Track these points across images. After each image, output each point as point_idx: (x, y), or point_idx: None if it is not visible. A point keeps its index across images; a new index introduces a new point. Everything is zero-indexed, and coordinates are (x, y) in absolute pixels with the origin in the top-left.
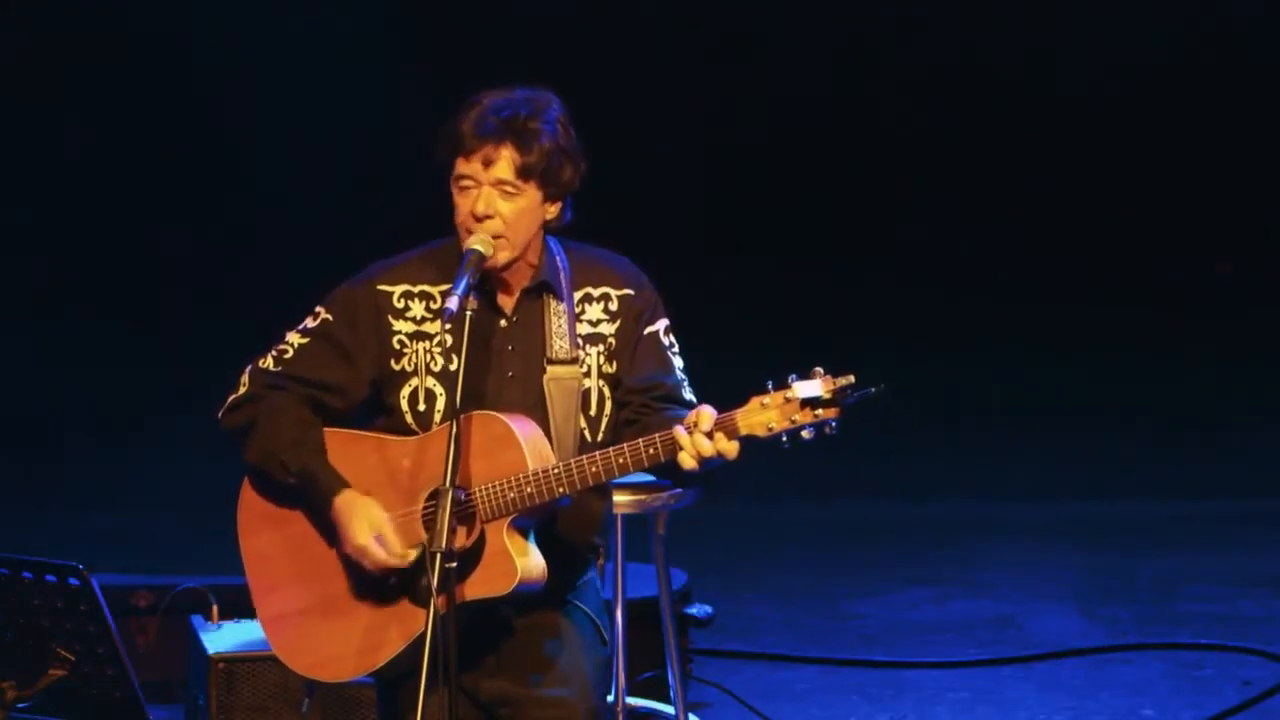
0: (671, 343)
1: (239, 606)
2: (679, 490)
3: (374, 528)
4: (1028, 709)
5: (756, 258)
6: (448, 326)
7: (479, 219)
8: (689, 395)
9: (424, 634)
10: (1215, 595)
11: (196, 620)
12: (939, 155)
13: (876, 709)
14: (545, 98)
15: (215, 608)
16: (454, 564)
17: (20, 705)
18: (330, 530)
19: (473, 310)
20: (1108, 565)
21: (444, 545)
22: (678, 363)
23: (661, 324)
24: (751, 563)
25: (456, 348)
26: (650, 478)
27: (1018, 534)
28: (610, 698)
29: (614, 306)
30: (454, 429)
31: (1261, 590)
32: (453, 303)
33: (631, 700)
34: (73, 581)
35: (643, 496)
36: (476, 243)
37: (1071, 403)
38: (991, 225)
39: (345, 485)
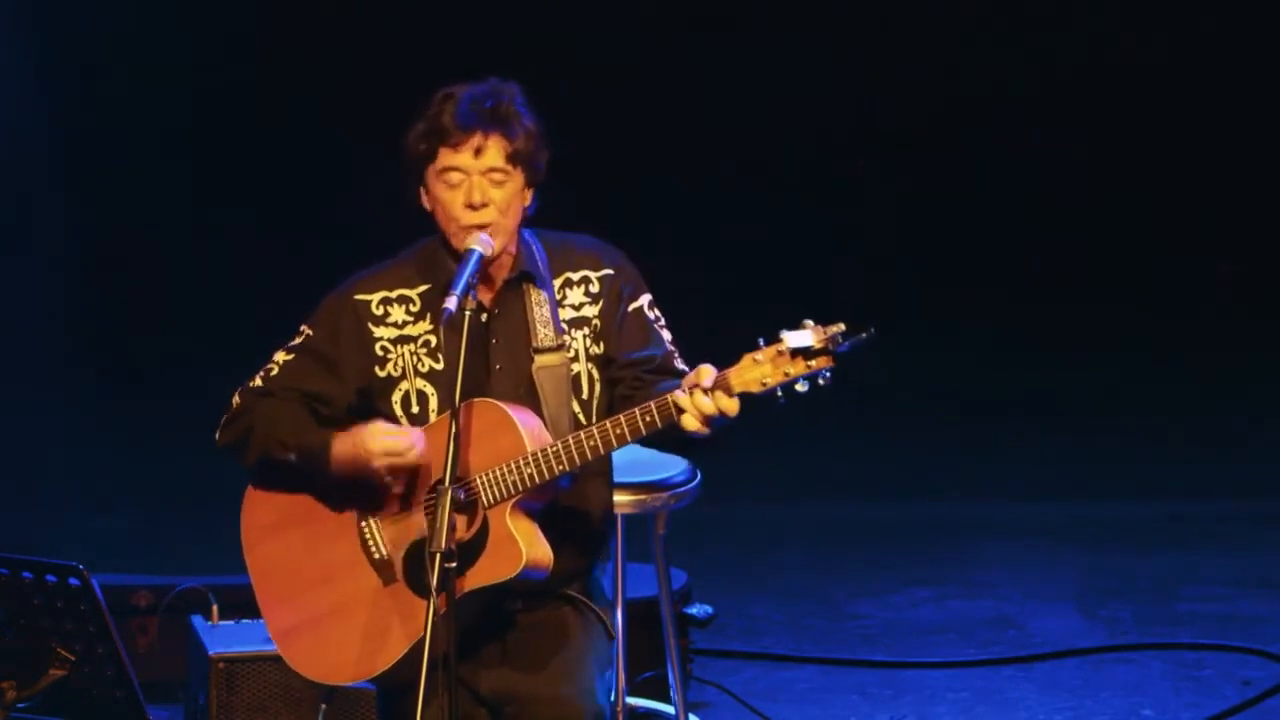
0: (657, 316)
1: (239, 606)
2: (680, 489)
3: (385, 430)
4: (1028, 709)
5: (761, 241)
6: (439, 326)
7: (476, 208)
8: (680, 365)
9: (450, 626)
10: (1215, 595)
11: (196, 620)
12: (934, 152)
13: (876, 709)
14: (515, 86)
15: (215, 608)
16: (454, 564)
17: (20, 705)
18: (341, 518)
19: (471, 310)
20: (1108, 565)
21: (443, 545)
22: (665, 335)
23: (645, 299)
24: (751, 563)
25: (454, 348)
26: (651, 477)
27: (1018, 534)
28: (610, 697)
29: (595, 288)
30: (453, 428)
31: (1261, 590)
32: (451, 303)
33: (631, 700)
34: (73, 581)
35: (643, 497)
36: (475, 243)
37: (1072, 403)
38: (992, 224)
39: (335, 434)
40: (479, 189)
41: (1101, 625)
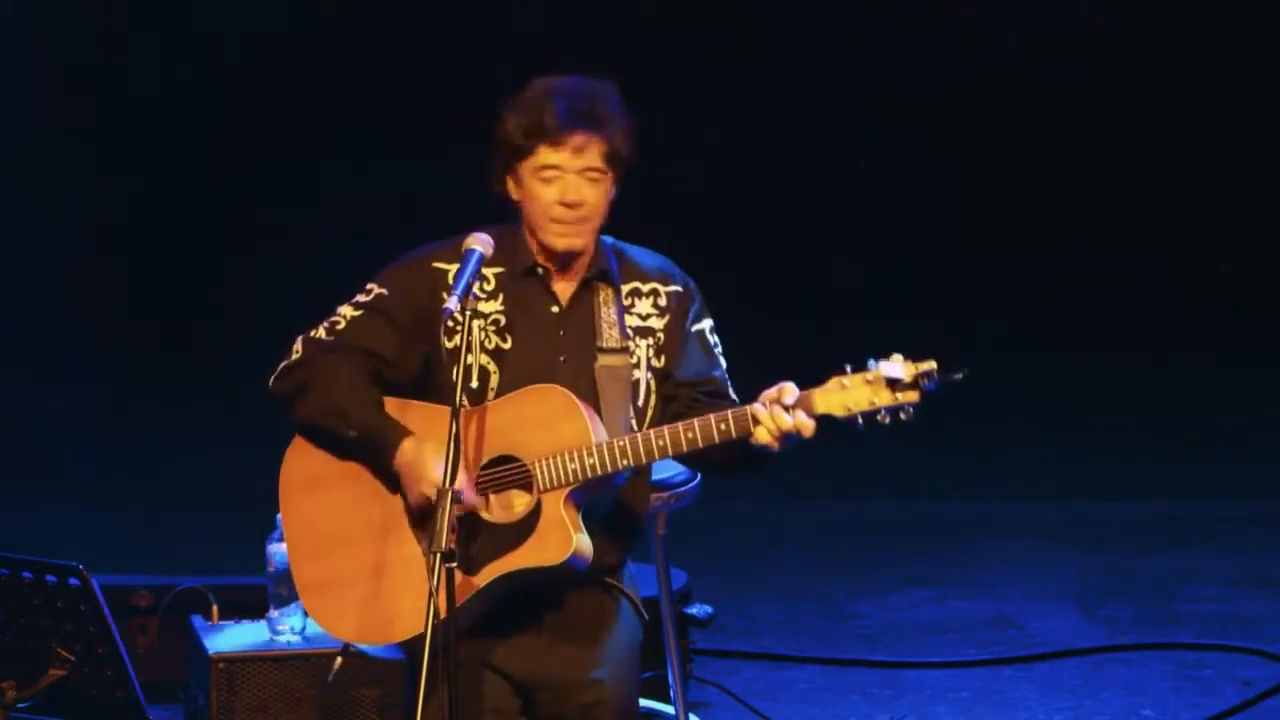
0: (716, 342)
1: (239, 606)
2: (680, 489)
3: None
4: (1028, 709)
5: (747, 246)
6: (455, 329)
7: (572, 206)
8: (733, 394)
9: (455, 604)
10: (1215, 595)
11: (196, 620)
12: (931, 152)
13: (876, 709)
14: (611, 86)
15: (215, 608)
16: (454, 564)
17: (20, 705)
18: (387, 484)
19: (472, 310)
20: (1108, 565)
21: (443, 545)
22: (723, 362)
23: (707, 323)
24: (751, 563)
25: (468, 343)
26: (652, 477)
27: (1018, 534)
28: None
29: (663, 302)
30: (454, 427)
31: (1261, 590)
32: (452, 303)
33: None
34: (73, 581)
35: None
36: (475, 244)
37: (1071, 403)
38: (991, 224)
39: (409, 433)
40: (574, 188)
41: (1101, 625)
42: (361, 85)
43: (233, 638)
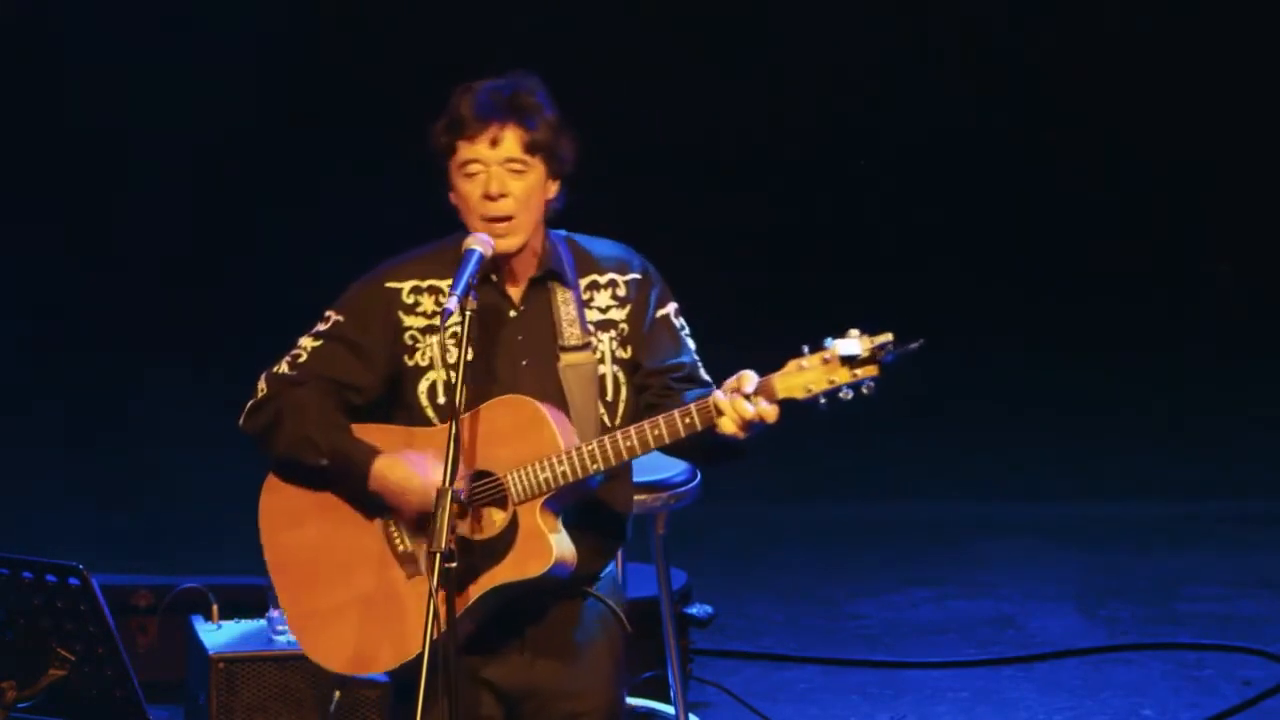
0: (683, 324)
1: (239, 606)
2: (680, 489)
3: (425, 475)
4: (1028, 709)
5: (753, 248)
6: (448, 328)
7: (493, 198)
8: (705, 375)
9: (449, 627)
10: (1215, 595)
11: (196, 620)
12: (931, 153)
13: (876, 709)
14: (535, 78)
15: (215, 608)
16: (454, 564)
17: (20, 705)
18: (365, 511)
19: (472, 310)
20: (1108, 565)
21: (442, 545)
22: (691, 344)
23: (671, 307)
24: (751, 563)
25: (468, 342)
26: (651, 477)
27: (1018, 534)
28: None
29: (622, 292)
30: (454, 428)
31: (1261, 590)
32: (452, 303)
33: (631, 700)
34: (73, 581)
35: (643, 496)
36: (475, 244)
37: (1071, 403)
38: (989, 223)
39: (378, 453)
40: (497, 179)
41: (1101, 625)
42: (361, 85)
43: (233, 638)
